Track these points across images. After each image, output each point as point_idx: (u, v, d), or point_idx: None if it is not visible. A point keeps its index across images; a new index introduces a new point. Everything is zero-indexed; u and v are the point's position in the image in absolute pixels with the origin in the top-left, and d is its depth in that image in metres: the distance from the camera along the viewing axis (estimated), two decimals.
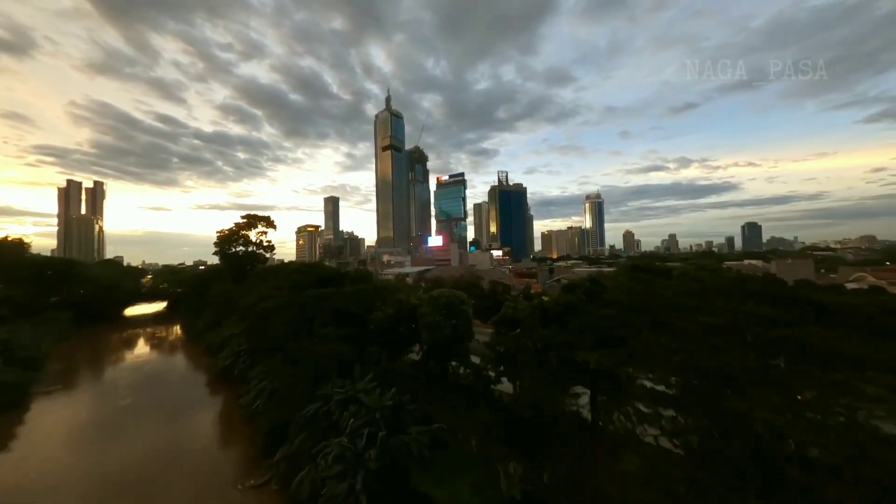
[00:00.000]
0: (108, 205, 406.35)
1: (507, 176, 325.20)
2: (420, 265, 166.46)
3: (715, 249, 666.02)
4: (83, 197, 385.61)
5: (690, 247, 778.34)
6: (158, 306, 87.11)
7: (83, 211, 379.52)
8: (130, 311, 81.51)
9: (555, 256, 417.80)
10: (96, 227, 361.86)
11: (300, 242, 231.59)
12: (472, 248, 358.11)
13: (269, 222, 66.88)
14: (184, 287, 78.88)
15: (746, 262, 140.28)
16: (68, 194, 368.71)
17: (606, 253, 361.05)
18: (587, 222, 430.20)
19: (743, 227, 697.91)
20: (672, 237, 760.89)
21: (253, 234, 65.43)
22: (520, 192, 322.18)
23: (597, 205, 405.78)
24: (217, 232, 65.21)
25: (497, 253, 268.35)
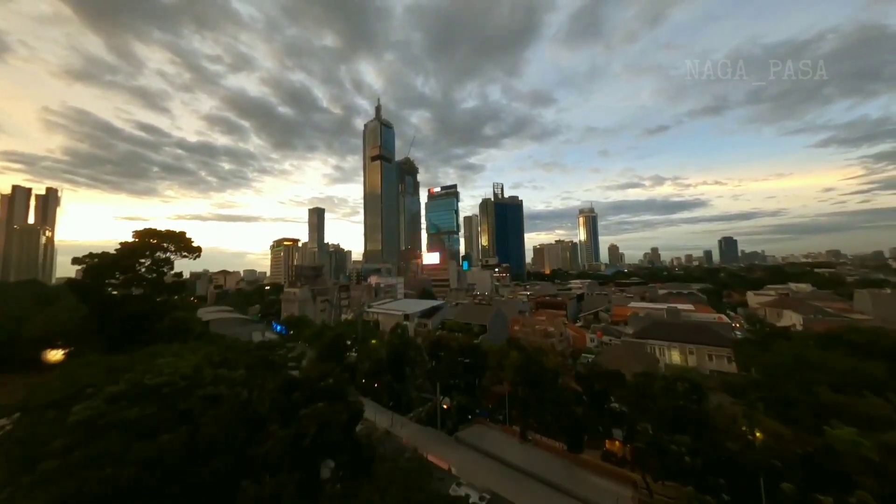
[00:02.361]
0: (63, 213, 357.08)
1: (502, 188, 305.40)
2: (415, 287, 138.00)
3: (696, 263, 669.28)
4: (32, 204, 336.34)
5: (671, 260, 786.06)
6: None
7: (31, 220, 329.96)
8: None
9: (547, 272, 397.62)
10: (43, 239, 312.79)
11: (275, 258, 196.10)
12: (465, 264, 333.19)
13: (181, 241, 37.75)
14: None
15: (792, 285, 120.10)
16: (13, 201, 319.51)
17: (603, 268, 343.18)
18: (580, 236, 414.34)
19: (720, 242, 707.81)
20: (655, 251, 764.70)
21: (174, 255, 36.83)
22: (516, 204, 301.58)
23: (590, 219, 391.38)
24: (82, 260, 35.86)
25: (495, 268, 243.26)
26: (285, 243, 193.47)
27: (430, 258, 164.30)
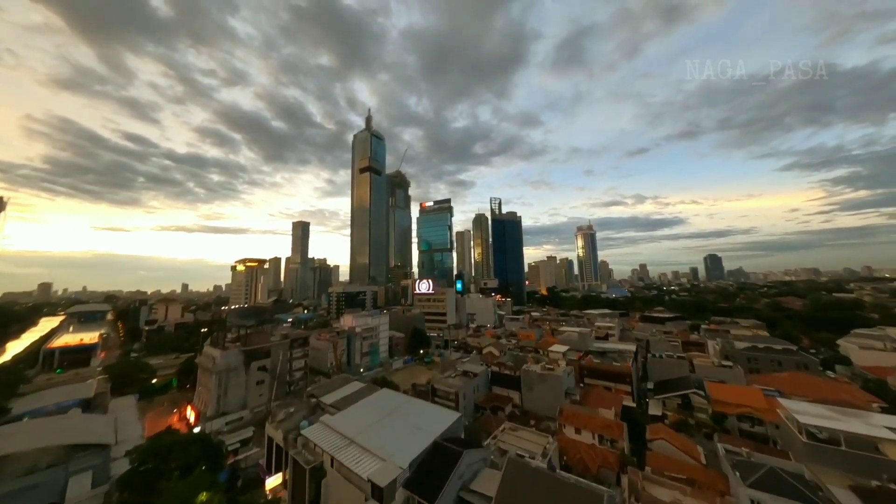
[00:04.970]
0: (35, 221, 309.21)
1: (499, 204, 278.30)
2: (404, 325, 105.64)
3: (685, 281, 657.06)
4: None
5: (658, 276, 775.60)
6: None
7: None
8: None
9: (544, 291, 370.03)
10: None
11: (236, 281, 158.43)
12: (458, 283, 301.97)
13: None
14: None
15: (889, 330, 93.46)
16: None
17: (605, 287, 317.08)
18: (578, 252, 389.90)
19: (705, 259, 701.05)
20: (643, 267, 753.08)
21: None
22: (514, 221, 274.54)
23: (589, 236, 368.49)
24: None
25: (493, 292, 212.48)
26: (248, 264, 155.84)
27: (423, 286, 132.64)
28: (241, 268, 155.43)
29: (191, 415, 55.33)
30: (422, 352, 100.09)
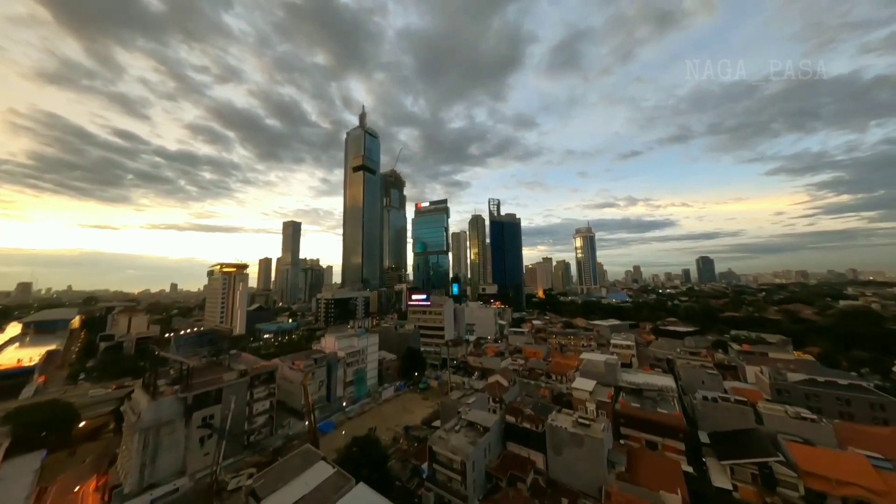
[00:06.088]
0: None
1: (498, 205, 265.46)
2: (396, 344, 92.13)
3: (678, 282, 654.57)
4: None
5: (651, 277, 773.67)
6: None
7: None
8: None
9: (540, 294, 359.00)
10: None
11: (211, 290, 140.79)
12: (455, 287, 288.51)
13: None
14: None
15: None
16: None
17: (605, 292, 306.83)
18: (578, 255, 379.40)
19: (698, 261, 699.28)
20: (637, 269, 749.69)
21: None
22: (514, 223, 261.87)
23: (588, 239, 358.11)
24: None
25: (491, 298, 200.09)
26: (226, 269, 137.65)
27: (417, 297, 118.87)
28: (216, 274, 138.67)
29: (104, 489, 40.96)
30: (416, 374, 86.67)
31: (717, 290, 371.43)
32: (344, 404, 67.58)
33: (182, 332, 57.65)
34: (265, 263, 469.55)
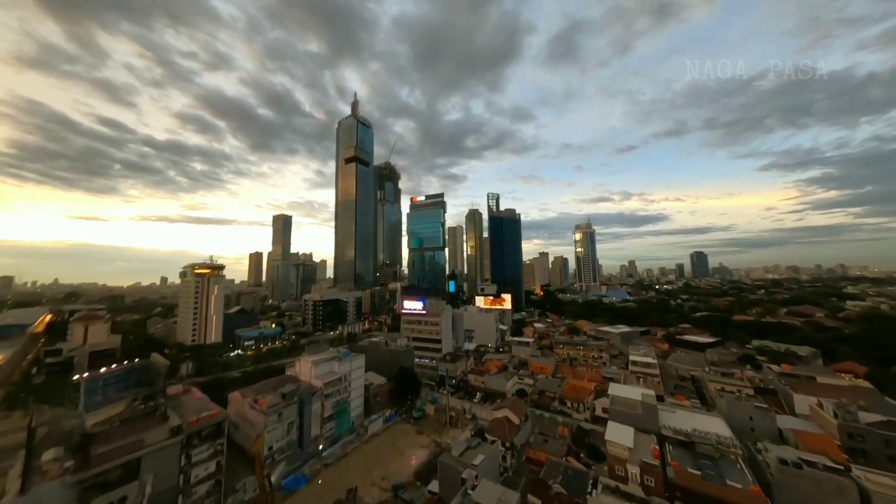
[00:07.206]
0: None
1: (497, 200, 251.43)
2: (387, 364, 79.84)
3: (672, 277, 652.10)
4: None
5: (645, 272, 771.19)
6: None
7: None
8: None
9: (538, 290, 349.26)
10: None
11: (184, 293, 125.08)
12: (451, 284, 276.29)
13: None
14: None
15: None
16: None
17: (604, 290, 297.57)
18: (577, 250, 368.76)
19: (692, 256, 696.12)
20: (632, 263, 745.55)
21: None
22: (514, 218, 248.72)
23: (588, 235, 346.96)
24: None
25: (486, 294, 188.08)
26: (198, 271, 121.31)
27: (411, 305, 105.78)
28: (188, 277, 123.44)
29: None
30: (410, 398, 74.54)
31: (714, 287, 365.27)
32: (321, 447, 55.14)
33: (102, 370, 43.58)
34: (256, 258, 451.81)
